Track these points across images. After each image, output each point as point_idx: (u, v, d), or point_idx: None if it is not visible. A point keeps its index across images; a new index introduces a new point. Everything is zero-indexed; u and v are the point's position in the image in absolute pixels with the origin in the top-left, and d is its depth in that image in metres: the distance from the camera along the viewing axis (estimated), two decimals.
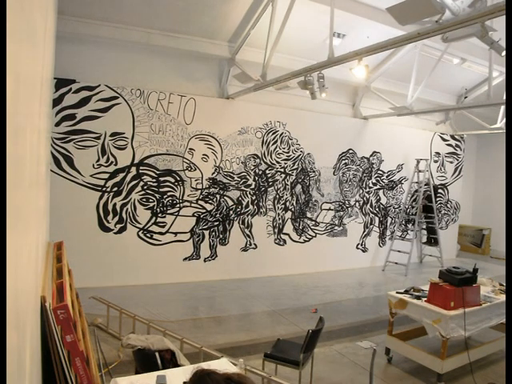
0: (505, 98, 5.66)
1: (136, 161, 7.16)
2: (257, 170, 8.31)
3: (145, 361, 3.28)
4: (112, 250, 7.04)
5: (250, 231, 8.33)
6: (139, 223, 7.27)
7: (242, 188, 8.18)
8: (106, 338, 4.94)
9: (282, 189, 8.65)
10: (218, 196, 7.93)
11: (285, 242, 8.78)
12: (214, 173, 7.85)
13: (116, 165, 7.02)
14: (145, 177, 7.25)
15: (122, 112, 6.98)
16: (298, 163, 8.80)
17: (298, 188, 8.88)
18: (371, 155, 9.82)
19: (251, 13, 6.62)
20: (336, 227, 9.44)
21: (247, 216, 8.28)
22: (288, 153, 8.66)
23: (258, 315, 6.23)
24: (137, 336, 3.44)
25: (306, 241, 9.06)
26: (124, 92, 6.98)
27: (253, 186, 8.28)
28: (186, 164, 7.59)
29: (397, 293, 4.73)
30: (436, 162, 10.96)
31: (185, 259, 7.72)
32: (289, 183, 8.73)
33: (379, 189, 10.02)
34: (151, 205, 7.34)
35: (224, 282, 7.73)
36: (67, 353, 2.54)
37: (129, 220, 7.18)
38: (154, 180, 7.32)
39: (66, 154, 6.65)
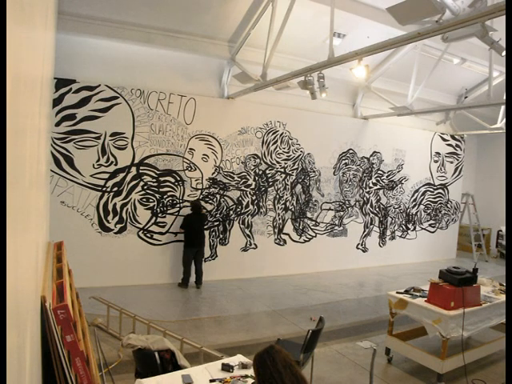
0: (505, 98, 5.66)
1: (136, 161, 7.16)
2: (257, 170, 8.31)
3: (145, 361, 3.28)
4: (112, 249, 7.04)
5: (250, 231, 8.33)
6: (139, 223, 7.27)
7: (242, 188, 8.18)
8: (106, 338, 4.94)
9: (282, 189, 8.65)
10: (218, 196, 7.93)
11: (285, 241, 8.78)
12: (214, 173, 7.85)
13: (116, 165, 7.01)
14: (145, 177, 7.24)
15: (122, 112, 6.98)
16: (298, 163, 8.80)
17: (298, 188, 8.87)
18: (371, 155, 9.82)
19: (251, 13, 6.62)
20: (336, 227, 9.44)
21: (247, 216, 8.28)
22: (288, 153, 8.66)
23: (257, 315, 6.22)
24: (137, 336, 3.44)
25: (306, 241, 9.05)
26: (124, 92, 6.98)
27: (253, 186, 8.28)
28: (186, 164, 7.58)
29: (397, 293, 4.73)
30: (436, 162, 10.96)
31: None
32: (289, 183, 8.73)
33: (379, 189, 10.02)
34: (151, 205, 7.34)
35: (224, 282, 7.73)
36: (67, 353, 2.54)
37: (129, 220, 7.18)
38: (154, 180, 7.32)
39: (66, 154, 6.65)
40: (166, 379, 2.72)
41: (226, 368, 2.89)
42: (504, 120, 8.75)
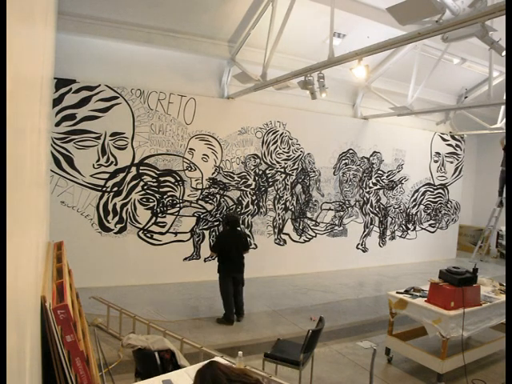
0: (505, 98, 5.66)
1: (136, 161, 7.16)
2: (257, 170, 8.31)
3: (145, 361, 3.28)
4: (112, 249, 7.04)
5: (250, 231, 8.33)
6: (139, 223, 7.27)
7: (242, 188, 8.18)
8: (106, 338, 4.94)
9: (282, 189, 8.65)
10: (218, 196, 7.93)
11: (285, 242, 8.78)
12: (214, 173, 7.85)
13: (116, 165, 7.02)
14: (145, 177, 7.24)
15: (122, 112, 6.98)
16: (298, 163, 8.80)
17: (298, 188, 8.87)
18: (371, 155, 9.82)
19: (251, 13, 6.62)
20: (336, 227, 9.44)
21: (247, 216, 8.28)
22: (288, 153, 8.66)
23: (257, 315, 6.22)
24: (137, 336, 3.44)
25: (306, 241, 9.05)
26: (124, 92, 6.98)
27: (253, 186, 8.28)
28: (186, 164, 7.58)
29: (397, 293, 4.73)
30: (436, 162, 10.97)
31: (185, 259, 7.72)
32: (289, 183, 8.73)
33: (379, 189, 10.02)
34: (151, 205, 7.34)
35: None
36: (67, 353, 2.54)
37: (129, 220, 7.18)
38: (154, 180, 7.32)
39: (66, 154, 6.65)
40: None
41: None
42: (504, 120, 8.75)
